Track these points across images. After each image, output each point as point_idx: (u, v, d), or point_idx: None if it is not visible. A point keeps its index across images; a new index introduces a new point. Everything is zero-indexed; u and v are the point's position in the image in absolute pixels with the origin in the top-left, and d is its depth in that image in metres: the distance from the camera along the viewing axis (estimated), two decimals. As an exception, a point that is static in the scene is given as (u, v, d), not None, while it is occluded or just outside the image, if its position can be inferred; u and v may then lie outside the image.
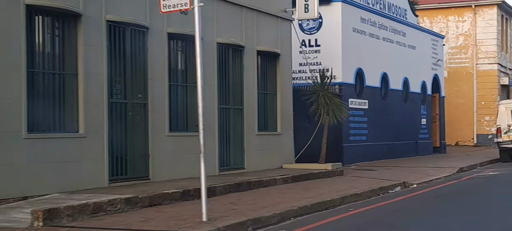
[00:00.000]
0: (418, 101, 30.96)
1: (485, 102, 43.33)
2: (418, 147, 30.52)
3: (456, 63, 43.60)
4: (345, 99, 23.73)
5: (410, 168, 23.38)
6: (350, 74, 24.77)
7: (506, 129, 27.13)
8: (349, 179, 18.68)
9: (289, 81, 20.51)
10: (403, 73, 29.22)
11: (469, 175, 21.11)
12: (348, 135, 24.65)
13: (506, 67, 45.61)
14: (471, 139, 43.68)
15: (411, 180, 19.07)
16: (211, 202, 13.01)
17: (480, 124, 43.53)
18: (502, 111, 27.44)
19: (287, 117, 20.21)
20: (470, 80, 43.60)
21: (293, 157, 20.45)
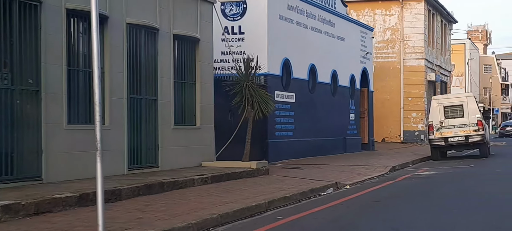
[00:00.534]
0: (347, 95, 29.47)
1: (412, 98, 42.42)
2: (346, 144, 29.02)
3: (383, 58, 42.54)
4: (271, 92, 21.94)
5: (339, 166, 21.74)
6: (276, 65, 22.95)
7: (438, 126, 25.86)
8: (275, 179, 16.81)
9: (210, 70, 18.48)
10: (331, 65, 27.63)
11: (404, 174, 19.59)
12: (273, 130, 22.83)
13: (432, 63, 44.86)
14: (397, 136, 42.70)
15: (343, 180, 17.38)
16: (114, 208, 10.90)
17: (406, 120, 42.60)
18: (434, 107, 26.15)
19: (208, 109, 18.19)
20: (397, 75, 42.61)
21: (214, 154, 18.44)
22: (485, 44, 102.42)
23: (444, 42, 49.59)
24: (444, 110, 25.97)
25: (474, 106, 25.92)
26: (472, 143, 25.80)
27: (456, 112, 25.88)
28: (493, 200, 12.60)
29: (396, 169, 22.03)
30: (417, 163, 25.53)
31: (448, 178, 17.61)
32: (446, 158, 27.09)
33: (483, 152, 26.21)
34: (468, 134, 25.64)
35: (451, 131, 25.81)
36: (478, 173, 19.14)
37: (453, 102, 26.03)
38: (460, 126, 25.73)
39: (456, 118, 25.83)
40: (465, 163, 23.47)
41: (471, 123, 25.65)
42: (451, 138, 25.80)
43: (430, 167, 22.29)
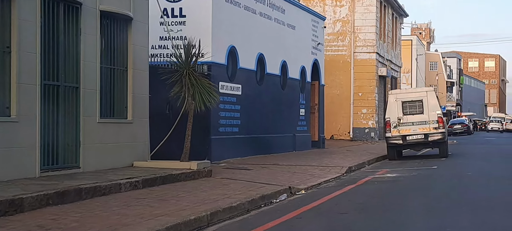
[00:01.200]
0: (297, 89, 27.26)
1: (362, 93, 40.59)
2: (296, 141, 26.82)
3: (333, 51, 40.58)
4: (216, 83, 19.56)
5: (290, 166, 19.49)
6: (221, 52, 20.56)
7: (396, 123, 23.87)
8: (219, 182, 14.43)
9: (145, 55, 15.97)
10: (281, 56, 25.37)
11: (363, 177, 17.45)
12: (217, 125, 20.45)
13: (384, 57, 43.12)
14: (347, 133, 40.83)
15: (297, 183, 15.13)
16: (7, 226, 8.38)
17: (356, 117, 40.76)
18: (392, 103, 24.14)
19: (142, 100, 15.70)
20: (347, 69, 40.73)
21: (148, 153, 15.95)
22: (428, 42, 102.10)
23: (395, 36, 47.96)
24: (402, 106, 23.99)
25: (435, 101, 24.02)
26: (432, 141, 23.89)
27: (415, 108, 23.92)
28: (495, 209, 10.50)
29: (353, 170, 19.92)
30: (373, 162, 23.49)
31: (418, 182, 15.52)
32: (402, 158, 25.12)
33: (442, 152, 24.32)
34: (428, 132, 23.72)
35: (409, 129, 23.85)
36: (448, 175, 17.13)
37: (412, 98, 24.07)
38: (420, 123, 23.80)
39: (415, 114, 23.88)
40: (426, 163, 21.51)
41: (431, 120, 23.74)
42: (410, 136, 23.83)
43: (390, 168, 20.23)
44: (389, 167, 20.49)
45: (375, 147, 33.04)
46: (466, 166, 20.26)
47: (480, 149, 32.10)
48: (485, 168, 19.52)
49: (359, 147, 32.86)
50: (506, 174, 17.59)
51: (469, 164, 21.23)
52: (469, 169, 19.08)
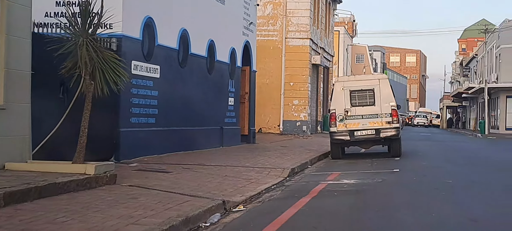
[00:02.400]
0: (226, 74, 23.33)
1: (294, 83, 37.04)
2: (224, 135, 22.91)
3: (263, 36, 36.84)
4: (128, 61, 15.52)
5: (220, 167, 15.58)
6: (135, 24, 16.45)
7: (342, 116, 20.30)
8: (125, 194, 10.36)
9: (26, 16, 11.71)
10: (208, 34, 21.39)
11: (313, 183, 13.72)
12: (128, 114, 16.31)
13: (317, 45, 39.65)
14: (276, 126, 37.22)
15: (231, 193, 11.30)
16: None
17: (287, 109, 37.20)
18: (338, 92, 20.56)
19: (20, 79, 11.46)
20: (278, 56, 37.09)
21: (28, 151, 11.71)
22: (351, 36, 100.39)
23: (328, 23, 44.63)
24: (351, 96, 20.45)
25: (388, 91, 20.55)
26: (385, 138, 20.42)
27: (365, 98, 20.41)
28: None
29: (296, 172, 16.20)
30: (316, 162, 19.86)
31: (395, 195, 11.75)
32: (346, 156, 21.58)
33: (395, 150, 20.88)
34: (380, 126, 20.25)
35: (358, 123, 20.34)
36: (426, 184, 13.39)
37: (362, 86, 20.54)
38: (370, 117, 20.31)
39: (365, 106, 20.38)
40: (381, 165, 17.98)
41: (384, 113, 20.28)
42: (359, 131, 20.31)
43: (340, 170, 16.57)
44: (339, 169, 16.83)
45: (310, 142, 29.52)
46: (434, 169, 16.72)
47: (426, 146, 28.95)
48: (459, 172, 16.06)
49: (293, 142, 29.24)
50: (490, 180, 14.18)
51: (435, 166, 17.74)
52: (441, 174, 15.54)
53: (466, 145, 31.13)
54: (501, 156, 22.51)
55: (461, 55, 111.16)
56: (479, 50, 70.90)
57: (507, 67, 52.16)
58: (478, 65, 70.95)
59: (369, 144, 21.16)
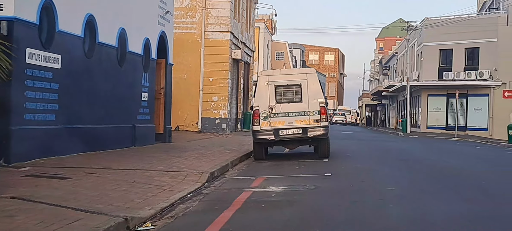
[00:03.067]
0: (139, 67, 21.22)
1: (213, 79, 35.13)
2: (136, 134, 20.80)
3: (181, 29, 34.80)
4: (21, 49, 13.38)
5: (129, 171, 13.57)
6: (30, 6, 14.22)
7: (267, 113, 18.58)
8: (0, 210, 8.25)
9: None
10: (119, 21, 19.26)
11: (236, 190, 11.91)
12: (22, 110, 14.05)
13: (238, 39, 37.84)
14: (194, 124, 35.21)
15: (137, 206, 9.38)
16: None
17: (206, 106, 35.25)
18: (262, 87, 18.82)
19: None
20: (197, 50, 35.10)
21: None
22: (271, 34, 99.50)
23: (249, 17, 42.90)
24: (276, 91, 18.76)
25: (317, 87, 18.93)
26: (312, 137, 18.79)
27: (291, 94, 18.76)
28: None
29: (216, 177, 14.36)
30: (237, 164, 18.08)
31: (335, 208, 9.99)
32: (270, 157, 19.92)
33: (323, 151, 19.29)
34: (307, 125, 18.62)
35: (284, 121, 18.66)
36: (366, 192, 11.75)
37: (288, 81, 18.86)
38: (297, 114, 18.67)
39: (292, 103, 18.73)
40: (310, 168, 16.34)
41: (312, 110, 18.66)
42: (284, 130, 18.64)
43: (264, 173, 14.81)
44: (264, 173, 15.07)
45: (230, 141, 27.74)
46: (371, 174, 15.06)
47: (353, 146, 27.56)
48: (401, 178, 14.37)
49: (212, 140, 27.37)
50: (441, 189, 12.60)
51: (370, 169, 16.13)
52: (380, 179, 13.93)
53: (393, 144, 29.94)
54: (437, 158, 21.02)
55: (380, 53, 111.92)
56: (400, 48, 70.79)
57: (429, 65, 51.76)
58: (399, 63, 70.83)
59: (295, 144, 19.50)
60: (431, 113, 51.94)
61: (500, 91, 47.04)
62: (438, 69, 51.23)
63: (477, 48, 48.98)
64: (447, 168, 17.11)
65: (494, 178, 15.08)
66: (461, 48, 49.79)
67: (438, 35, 50.59)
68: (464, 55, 50.03)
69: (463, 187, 12.71)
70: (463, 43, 49.39)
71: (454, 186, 12.81)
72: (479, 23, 48.89)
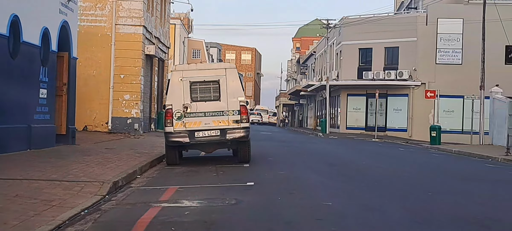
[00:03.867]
0: (36, 59, 18.77)
1: (125, 75, 32.75)
2: (33, 135, 18.35)
3: (89, 22, 32.30)
4: None
5: (12, 182, 11.31)
6: None
7: (181, 112, 16.56)
8: None
9: None
10: (11, 6, 16.81)
11: (142, 205, 9.88)
12: None
13: (152, 34, 35.56)
14: (104, 124, 32.70)
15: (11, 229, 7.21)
16: None
17: (117, 104, 32.80)
18: (176, 84, 16.77)
19: None
20: (107, 45, 32.60)
21: None
22: (188, 32, 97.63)
23: (164, 11, 40.59)
24: (191, 88, 16.74)
25: (237, 84, 17.02)
26: (232, 140, 16.85)
27: (209, 92, 16.78)
28: None
29: (120, 187, 12.26)
30: (147, 170, 15.98)
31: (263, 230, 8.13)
32: (184, 161, 17.93)
33: (243, 155, 17.38)
34: (226, 126, 16.69)
35: (200, 121, 16.66)
36: (300, 206, 9.89)
37: (205, 77, 16.87)
38: (215, 114, 16.71)
39: (209, 101, 16.76)
40: (229, 174, 14.42)
41: (232, 110, 16.73)
42: (200, 131, 16.63)
43: (177, 183, 12.80)
44: (176, 181, 13.07)
45: (142, 143, 25.54)
46: (299, 183, 13.13)
47: (275, 148, 25.73)
48: (336, 189, 12.45)
49: (122, 142, 25.11)
50: (387, 206, 10.75)
51: (298, 177, 14.22)
52: (312, 190, 12.07)
53: (316, 146, 28.35)
54: (368, 162, 19.33)
55: (297, 53, 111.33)
56: (318, 47, 69.85)
57: (348, 65, 50.77)
58: (317, 62, 69.86)
59: (213, 147, 17.53)
60: (350, 113, 50.97)
61: (420, 92, 46.46)
62: (358, 68, 50.32)
63: (396, 48, 48.28)
64: (383, 175, 15.48)
65: (439, 187, 13.52)
66: (380, 48, 49.00)
67: (357, 34, 49.67)
68: (383, 55, 49.26)
69: (412, 200, 11.01)
70: (382, 43, 48.61)
71: (401, 199, 11.10)
72: (398, 23, 48.21)
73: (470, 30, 44.93)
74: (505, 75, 42.40)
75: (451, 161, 22.64)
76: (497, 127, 35.34)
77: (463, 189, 13.29)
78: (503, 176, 17.44)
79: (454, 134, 43.95)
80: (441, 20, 46.41)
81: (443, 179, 15.25)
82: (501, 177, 16.95)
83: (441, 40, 46.64)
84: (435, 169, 18.57)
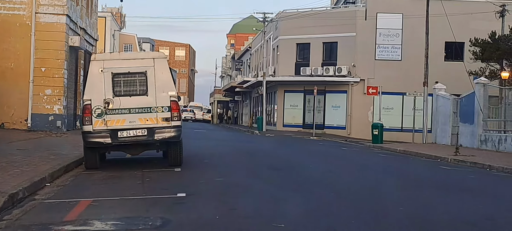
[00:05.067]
0: None
1: (46, 69, 30.11)
2: None
3: (6, 10, 29.61)
4: None
5: None
6: None
7: (101, 109, 14.29)
8: None
9: None
10: None
11: (38, 227, 7.58)
12: None
13: (77, 24, 32.92)
14: (24, 120, 29.98)
15: None
16: None
17: (38, 100, 30.11)
18: (95, 75, 14.48)
19: None
20: (26, 35, 29.88)
21: None
22: (120, 28, 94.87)
23: (90, 1, 37.92)
24: (114, 81, 14.47)
25: (167, 76, 14.83)
26: (161, 141, 14.65)
27: (134, 85, 14.54)
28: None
29: (20, 200, 9.94)
30: (61, 175, 13.65)
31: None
32: (107, 164, 15.66)
33: (175, 158, 15.18)
34: (155, 125, 14.48)
35: (124, 119, 14.40)
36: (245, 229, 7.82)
37: (130, 68, 14.61)
38: (141, 111, 14.48)
39: (135, 96, 14.52)
40: (156, 182, 12.25)
41: (161, 106, 14.51)
42: (124, 131, 14.37)
43: (93, 195, 10.58)
44: (92, 192, 10.85)
45: (63, 142, 23.10)
46: (241, 193, 10.91)
47: (210, 148, 23.46)
48: (285, 199, 10.25)
49: (40, 142, 22.60)
50: (348, 223, 8.68)
51: (238, 185, 12.03)
52: (257, 202, 9.92)
53: (255, 146, 26.30)
54: (316, 166, 17.16)
55: (232, 49, 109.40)
56: (254, 43, 67.97)
57: (285, 60, 49.01)
58: (253, 58, 67.95)
59: (140, 149, 15.29)
60: (287, 110, 49.24)
61: (359, 88, 45.10)
62: (295, 64, 48.61)
63: (335, 43, 46.78)
64: (341, 184, 13.22)
65: (408, 198, 11.63)
66: (319, 43, 47.40)
67: (295, 28, 47.95)
68: (322, 50, 47.69)
69: (390, 221, 8.94)
70: (321, 37, 47.01)
71: (376, 219, 9.00)
72: (337, 17, 46.70)
73: (409, 26, 43.81)
74: (445, 72, 41.29)
75: (406, 164, 20.73)
76: (440, 124, 34.10)
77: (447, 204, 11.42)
78: (466, 182, 15.53)
79: (393, 131, 42.68)
80: (380, 14, 45.12)
81: (418, 191, 12.90)
82: (464, 184, 15.04)
83: (380, 35, 45.36)
84: (395, 174, 16.72)
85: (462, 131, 30.17)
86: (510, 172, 18.09)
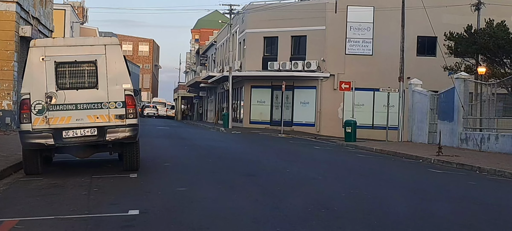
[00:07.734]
0: None
1: (-6, 61, 27.70)
2: None
3: (-50, -3, 27.04)
4: None
5: None
6: None
7: (43, 104, 12.14)
8: None
9: None
10: None
11: None
12: None
13: (29, 13, 30.53)
14: (-30, 118, 27.56)
15: None
16: None
17: (-14, 95, 27.72)
18: (36, 64, 12.32)
19: None
20: (-28, 24, 27.42)
21: None
22: (82, 22, 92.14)
23: (45, -11, 35.48)
24: (57, 71, 12.32)
25: (121, 66, 12.75)
26: (114, 142, 12.54)
27: (82, 77, 12.43)
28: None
29: None
30: (-7, 184, 11.48)
31: None
32: (54, 169, 13.49)
33: (130, 161, 13.09)
34: (106, 123, 12.38)
35: (70, 116, 12.28)
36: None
37: (77, 56, 12.48)
38: (90, 107, 12.37)
39: (82, 89, 12.40)
40: (106, 194, 10.18)
41: (114, 101, 12.42)
42: (70, 130, 12.26)
43: (26, 208, 8.53)
44: (22, 209, 8.72)
45: (10, 141, 20.90)
46: (207, 208, 8.81)
47: (173, 148, 21.49)
48: (264, 220, 8.12)
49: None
50: None
51: (204, 199, 9.88)
52: (228, 222, 7.89)
53: (222, 145, 24.20)
54: (295, 169, 15.08)
55: (196, 44, 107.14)
56: (219, 37, 65.82)
57: (252, 54, 46.99)
58: (218, 53, 65.79)
59: (89, 151, 13.14)
60: (254, 106, 47.23)
61: (328, 84, 43.31)
62: (263, 58, 46.60)
63: (304, 37, 44.85)
64: (336, 200, 10.82)
65: (420, 218, 9.74)
66: (287, 36, 45.45)
67: (262, 21, 45.97)
68: (290, 44, 45.74)
69: None
70: (289, 31, 45.06)
71: None
72: (306, 9, 44.78)
73: (381, 19, 42.12)
74: (417, 68, 39.63)
75: (390, 167, 18.78)
76: (417, 122, 32.43)
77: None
78: (471, 192, 13.56)
79: (364, 129, 40.85)
80: (351, 7, 43.31)
81: (429, 204, 10.92)
82: (470, 194, 13.05)
83: (350, 29, 43.55)
84: (387, 179, 14.84)
85: (441, 128, 28.49)
86: (506, 176, 16.35)
